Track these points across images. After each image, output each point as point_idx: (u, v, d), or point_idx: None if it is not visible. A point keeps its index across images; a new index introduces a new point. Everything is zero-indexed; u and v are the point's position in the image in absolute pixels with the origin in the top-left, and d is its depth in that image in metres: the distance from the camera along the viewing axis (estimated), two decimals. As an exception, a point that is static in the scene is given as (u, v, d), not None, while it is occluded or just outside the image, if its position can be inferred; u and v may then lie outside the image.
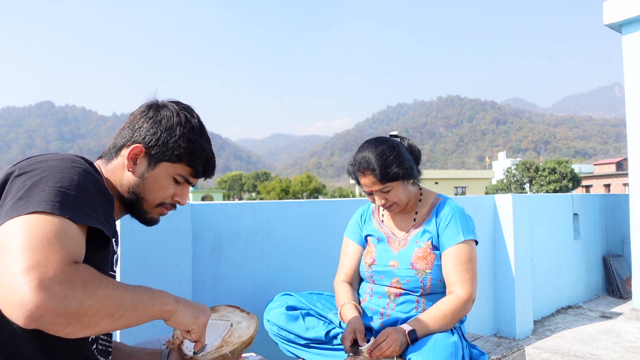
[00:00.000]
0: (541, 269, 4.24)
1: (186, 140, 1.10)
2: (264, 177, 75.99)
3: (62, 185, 0.86)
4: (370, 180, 1.68)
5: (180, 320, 0.99)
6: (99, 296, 0.79)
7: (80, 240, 0.84)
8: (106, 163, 1.13)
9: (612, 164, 48.26)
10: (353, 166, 1.74)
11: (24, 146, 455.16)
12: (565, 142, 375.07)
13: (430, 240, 1.72)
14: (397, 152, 1.70)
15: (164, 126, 1.10)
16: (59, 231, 0.79)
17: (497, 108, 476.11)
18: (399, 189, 1.70)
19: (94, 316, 0.78)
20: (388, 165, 1.66)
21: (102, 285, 0.81)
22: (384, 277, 1.76)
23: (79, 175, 0.90)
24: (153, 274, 1.91)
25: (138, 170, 1.10)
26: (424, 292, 1.69)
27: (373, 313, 1.75)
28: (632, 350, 3.23)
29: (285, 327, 1.81)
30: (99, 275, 0.82)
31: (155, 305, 0.92)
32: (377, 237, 1.84)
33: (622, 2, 4.38)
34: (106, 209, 0.94)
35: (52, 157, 0.94)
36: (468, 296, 1.61)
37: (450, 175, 46.64)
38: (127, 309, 0.84)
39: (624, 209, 5.20)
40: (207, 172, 1.17)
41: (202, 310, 1.06)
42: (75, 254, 0.81)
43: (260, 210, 2.38)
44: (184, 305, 1.01)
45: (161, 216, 1.18)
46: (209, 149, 1.15)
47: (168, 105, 1.14)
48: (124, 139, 1.11)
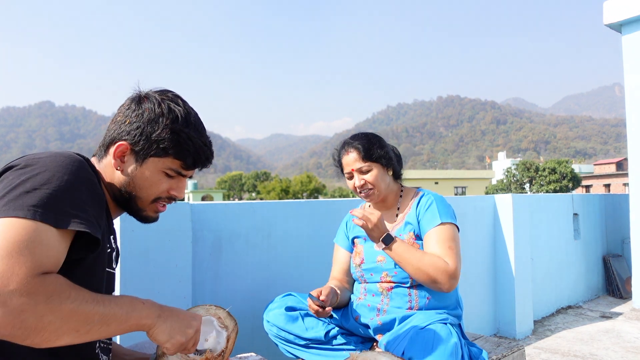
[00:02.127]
0: (541, 269, 4.24)
1: (170, 131, 1.04)
2: (264, 177, 75.99)
3: (50, 186, 0.84)
4: (353, 157, 1.77)
5: (156, 336, 0.96)
6: (63, 312, 0.77)
7: (58, 248, 0.82)
8: (98, 161, 1.10)
9: (612, 164, 48.27)
10: (337, 149, 1.86)
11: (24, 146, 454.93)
12: (565, 142, 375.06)
13: (412, 232, 1.76)
14: (381, 140, 1.85)
15: (146, 119, 1.04)
16: (33, 240, 0.78)
17: (497, 108, 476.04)
18: (378, 173, 1.77)
19: (55, 332, 0.77)
20: (372, 145, 1.78)
21: (69, 300, 0.78)
22: (374, 274, 1.79)
23: (70, 175, 0.89)
24: (153, 274, 1.91)
25: (126, 169, 1.06)
26: (413, 282, 1.71)
27: (370, 309, 1.77)
28: (632, 350, 3.23)
29: (284, 327, 1.82)
30: (68, 288, 0.80)
31: (131, 319, 0.89)
32: (363, 237, 1.88)
33: (622, 2, 4.38)
34: (97, 209, 0.92)
35: (48, 155, 0.92)
36: (454, 267, 1.58)
37: (450, 175, 46.64)
38: (95, 325, 0.82)
39: (624, 209, 5.20)
40: (199, 162, 1.10)
41: (185, 327, 1.00)
42: (47, 265, 0.79)
43: (260, 210, 2.37)
44: (164, 322, 0.96)
45: (159, 213, 1.14)
46: (197, 138, 1.07)
47: (151, 96, 1.08)
48: (111, 136, 1.07)
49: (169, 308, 0.99)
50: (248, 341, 2.25)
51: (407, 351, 1.46)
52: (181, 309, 1.05)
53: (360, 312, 1.79)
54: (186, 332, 0.99)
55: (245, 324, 2.26)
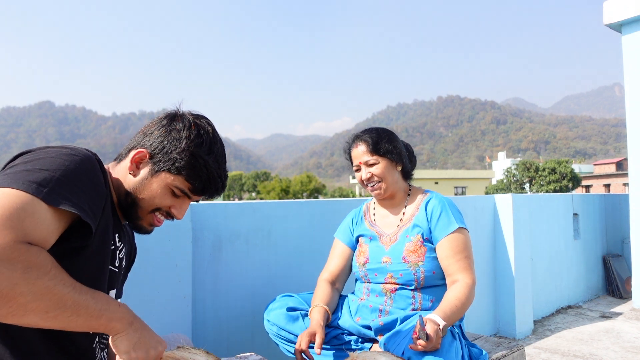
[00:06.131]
0: (541, 269, 4.24)
1: (190, 154, 1.07)
2: (264, 177, 76.01)
3: (49, 168, 0.87)
4: (362, 150, 1.79)
5: (118, 344, 0.92)
6: (37, 286, 0.76)
7: (48, 225, 0.83)
8: (116, 164, 1.14)
9: (612, 164, 48.26)
10: (348, 143, 1.87)
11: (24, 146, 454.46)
12: (565, 142, 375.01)
13: (420, 234, 1.75)
14: (392, 135, 1.84)
15: (172, 137, 1.09)
16: (25, 209, 0.79)
17: (497, 108, 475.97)
18: (385, 168, 1.78)
19: (23, 305, 0.76)
20: (381, 139, 1.79)
21: (47, 276, 0.78)
22: (378, 274, 1.78)
23: (71, 163, 0.91)
24: (153, 274, 1.91)
25: (139, 175, 1.10)
26: (417, 285, 1.72)
27: (372, 310, 1.76)
28: (632, 350, 3.23)
29: (285, 327, 1.82)
30: (49, 265, 0.80)
31: (102, 317, 0.87)
32: (369, 236, 1.88)
33: (622, 2, 4.38)
34: (95, 200, 0.94)
35: (57, 145, 0.96)
36: (472, 282, 1.64)
37: (450, 175, 46.64)
38: (66, 310, 0.81)
39: (624, 209, 5.20)
40: (208, 190, 1.13)
41: (151, 346, 0.96)
42: (34, 236, 0.80)
43: (260, 210, 2.38)
44: (134, 331, 0.93)
45: (153, 227, 1.16)
46: (215, 168, 1.11)
47: (185, 117, 1.12)
48: (135, 142, 1.13)
49: (142, 321, 0.98)
50: (248, 341, 2.25)
51: (407, 351, 1.46)
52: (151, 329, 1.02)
53: (361, 313, 1.79)
54: (149, 352, 0.96)
55: (245, 323, 2.27)
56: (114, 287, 1.15)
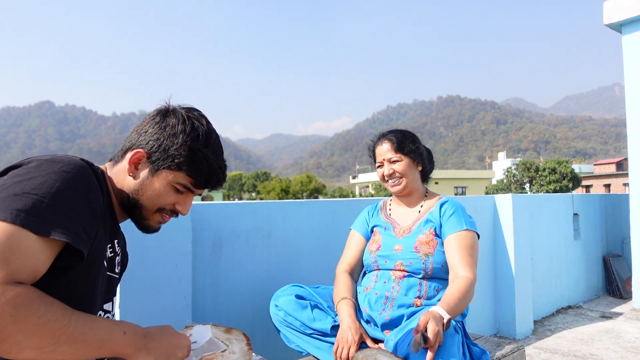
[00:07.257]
0: (541, 269, 4.24)
1: (188, 149, 1.06)
2: (264, 177, 76.03)
3: (39, 192, 0.84)
4: (386, 147, 1.91)
5: None
6: (27, 326, 0.76)
7: (37, 257, 0.81)
8: (113, 165, 1.11)
9: (612, 164, 48.26)
10: (373, 141, 2.00)
11: (24, 146, 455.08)
12: (565, 142, 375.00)
13: (433, 228, 1.84)
14: (415, 137, 1.96)
15: (167, 133, 1.06)
16: (10, 246, 0.77)
17: (497, 108, 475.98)
18: (407, 165, 1.89)
19: (17, 344, 0.76)
20: (405, 139, 1.91)
21: (36, 315, 0.77)
22: (388, 261, 1.83)
23: (63, 182, 0.88)
24: (153, 274, 1.91)
25: (139, 176, 1.08)
26: (425, 274, 1.77)
27: (378, 299, 1.78)
28: (632, 350, 3.23)
29: (293, 313, 1.84)
30: (38, 303, 0.78)
31: (104, 347, 0.86)
32: (383, 226, 1.96)
33: (622, 2, 4.38)
34: (88, 219, 0.91)
35: (49, 159, 0.92)
36: (473, 278, 1.68)
37: (450, 175, 46.64)
38: (62, 345, 0.80)
39: (624, 209, 5.19)
40: (210, 183, 1.12)
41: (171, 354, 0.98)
42: (21, 274, 0.78)
43: (260, 210, 2.38)
44: (147, 354, 0.93)
45: (161, 224, 1.16)
46: (214, 159, 1.10)
47: (177, 111, 1.10)
48: (130, 142, 1.10)
49: (155, 335, 0.97)
50: (248, 341, 2.24)
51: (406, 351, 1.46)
52: (170, 328, 1.02)
53: (369, 302, 1.80)
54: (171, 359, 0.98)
55: (245, 323, 2.26)
56: (114, 293, 1.14)
